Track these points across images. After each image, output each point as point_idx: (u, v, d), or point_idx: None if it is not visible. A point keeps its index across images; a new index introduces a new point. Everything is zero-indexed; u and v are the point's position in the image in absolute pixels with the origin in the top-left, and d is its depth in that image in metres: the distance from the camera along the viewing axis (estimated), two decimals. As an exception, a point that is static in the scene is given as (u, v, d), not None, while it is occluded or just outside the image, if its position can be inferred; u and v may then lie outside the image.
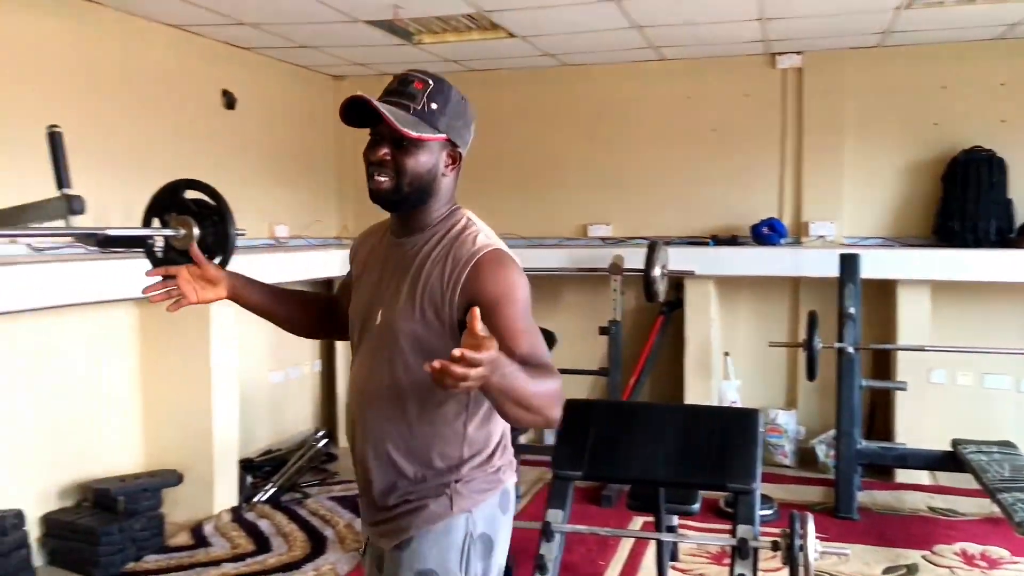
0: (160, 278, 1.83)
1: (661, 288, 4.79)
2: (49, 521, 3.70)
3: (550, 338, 4.99)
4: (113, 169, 3.96)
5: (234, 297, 1.87)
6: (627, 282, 5.06)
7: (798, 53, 5.10)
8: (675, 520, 3.45)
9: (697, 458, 2.88)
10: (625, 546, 3.89)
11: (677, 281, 5.17)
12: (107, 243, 2.30)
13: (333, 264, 5.00)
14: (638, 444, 2.96)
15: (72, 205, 2.22)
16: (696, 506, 3.20)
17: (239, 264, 2.19)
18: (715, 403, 5.10)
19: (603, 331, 4.93)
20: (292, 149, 5.54)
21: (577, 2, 3.99)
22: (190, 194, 2.88)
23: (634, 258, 4.90)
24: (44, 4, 3.67)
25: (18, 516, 3.29)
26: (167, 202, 2.77)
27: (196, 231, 2.67)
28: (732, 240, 5.18)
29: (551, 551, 2.85)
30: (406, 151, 1.59)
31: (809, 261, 4.91)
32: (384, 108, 1.55)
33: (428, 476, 1.66)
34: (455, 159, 1.67)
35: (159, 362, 4.15)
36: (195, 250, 1.84)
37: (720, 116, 5.34)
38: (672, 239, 5.15)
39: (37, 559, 3.58)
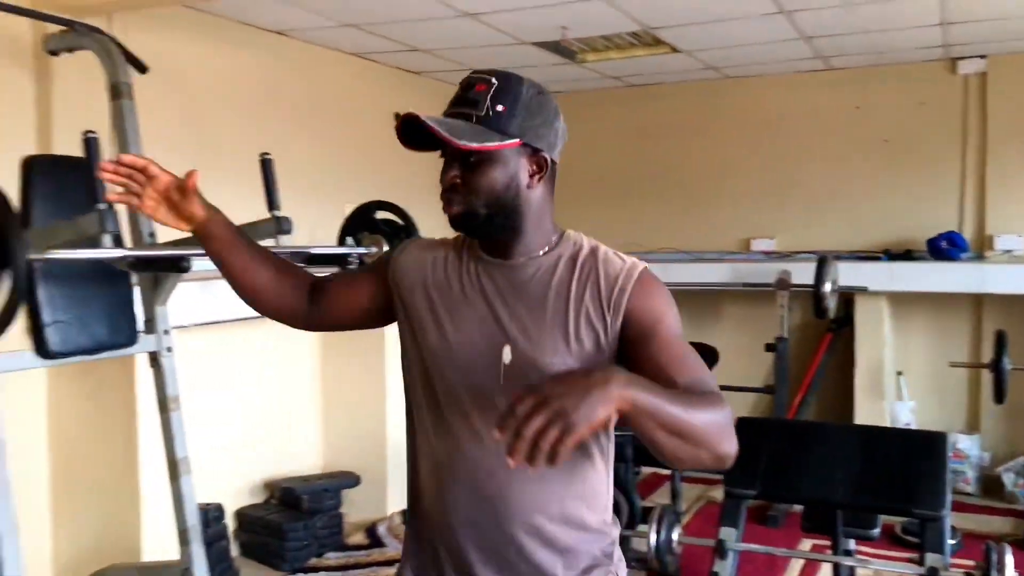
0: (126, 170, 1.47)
1: (831, 304, 4.64)
2: (242, 516, 4.01)
3: (712, 354, 4.93)
4: (296, 190, 4.25)
5: (203, 235, 1.51)
6: (793, 297, 4.92)
7: (982, 57, 4.82)
8: (851, 544, 3.33)
9: (880, 481, 2.78)
10: (794, 568, 3.80)
11: (847, 297, 4.98)
12: (311, 261, 2.50)
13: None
14: (815, 464, 2.89)
15: (281, 225, 2.42)
16: (876, 531, 3.09)
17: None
18: (888, 424, 4.88)
19: (769, 348, 4.82)
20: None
21: (747, 16, 3.95)
22: (380, 214, 3.08)
23: (800, 273, 4.77)
24: (237, 37, 3.99)
25: (219, 510, 3.58)
26: (359, 221, 2.98)
27: (386, 247, 2.85)
28: (906, 255, 4.94)
29: (725, 569, 2.83)
30: (476, 168, 1.33)
31: (995, 277, 4.62)
32: (434, 122, 1.29)
33: (587, 541, 1.41)
34: (541, 167, 1.37)
35: (339, 369, 4.41)
36: (193, 181, 1.47)
37: (893, 125, 5.11)
38: (841, 253, 4.97)
39: (232, 550, 3.89)
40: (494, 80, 1.33)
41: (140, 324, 2.64)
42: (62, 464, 3.25)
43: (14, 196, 2.19)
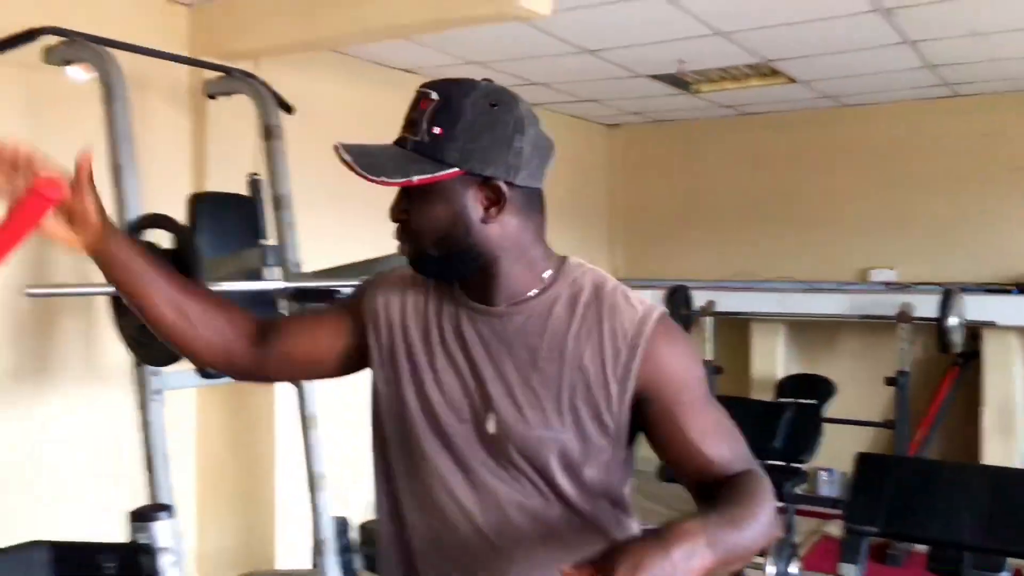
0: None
1: (956, 339, 4.50)
2: (366, 530, 4.19)
3: (828, 388, 4.86)
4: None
5: (99, 252, 1.18)
6: (915, 330, 4.80)
7: (1122, 83, 4.63)
8: (979, 587, 3.23)
9: (1010, 524, 2.70)
10: (917, 610, 3.70)
11: (973, 331, 4.82)
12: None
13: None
14: (942, 504, 2.83)
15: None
16: (1005, 574, 2.99)
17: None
18: (1019, 466, 4.67)
19: (890, 381, 4.71)
20: (565, 195, 5.84)
21: (870, 46, 3.92)
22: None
23: (923, 305, 4.65)
24: (372, 76, 4.21)
25: (344, 523, 3.76)
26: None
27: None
28: (1039, 289, 4.76)
29: (846, 606, 2.80)
30: (417, 204, 1.12)
31: None
32: (353, 154, 1.09)
33: None
34: (497, 196, 1.12)
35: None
36: (83, 173, 1.14)
37: (1024, 153, 4.95)
38: (967, 285, 4.82)
39: (355, 562, 4.07)
40: (434, 95, 1.11)
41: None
42: (208, 475, 3.50)
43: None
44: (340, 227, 3.70)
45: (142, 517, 1.11)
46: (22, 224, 1.07)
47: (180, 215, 2.65)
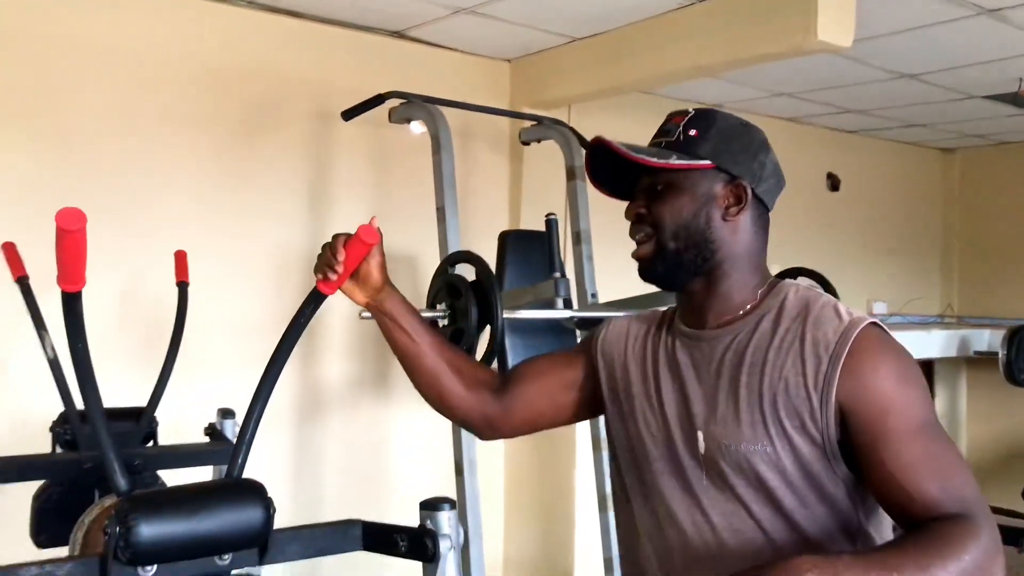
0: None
1: None
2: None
3: None
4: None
5: (377, 307, 1.32)
6: None
7: None
8: None
9: None
10: None
11: None
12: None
13: (933, 344, 4.81)
14: None
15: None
16: None
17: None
18: None
19: None
20: (894, 224, 5.49)
21: None
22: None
23: None
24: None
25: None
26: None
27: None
28: None
29: None
30: (662, 196, 1.17)
31: None
32: (620, 143, 1.17)
33: None
34: (740, 198, 1.17)
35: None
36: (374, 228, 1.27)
37: None
38: None
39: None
40: (691, 110, 1.21)
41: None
42: (514, 485, 3.83)
43: (492, 261, 2.74)
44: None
45: (430, 507, 1.33)
46: (348, 262, 1.34)
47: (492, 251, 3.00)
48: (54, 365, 1.85)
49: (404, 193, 3.41)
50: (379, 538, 1.38)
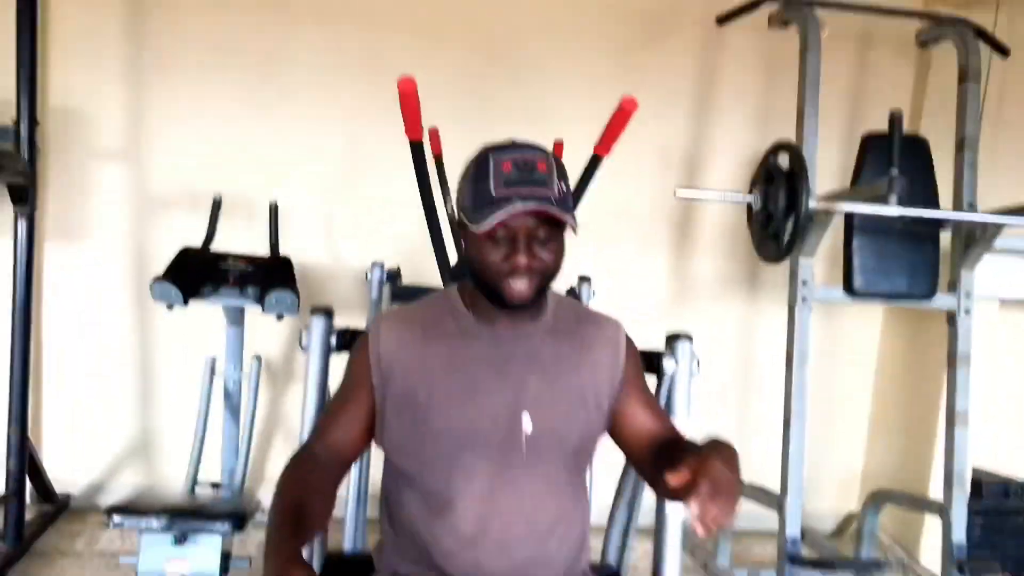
0: None
1: None
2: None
3: None
4: None
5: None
6: None
7: None
8: None
9: None
10: None
11: None
12: None
13: None
14: None
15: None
16: None
17: None
18: None
19: None
20: None
21: None
22: None
23: None
24: None
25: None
26: None
27: None
28: None
29: None
30: (548, 246, 1.31)
31: None
32: (555, 211, 1.26)
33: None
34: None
35: None
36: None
37: None
38: None
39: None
40: (545, 153, 1.31)
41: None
42: (880, 396, 3.79)
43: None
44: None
45: (675, 339, 1.67)
46: None
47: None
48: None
49: (789, 101, 3.49)
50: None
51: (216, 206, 3.07)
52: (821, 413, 3.81)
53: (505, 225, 1.26)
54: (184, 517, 2.38)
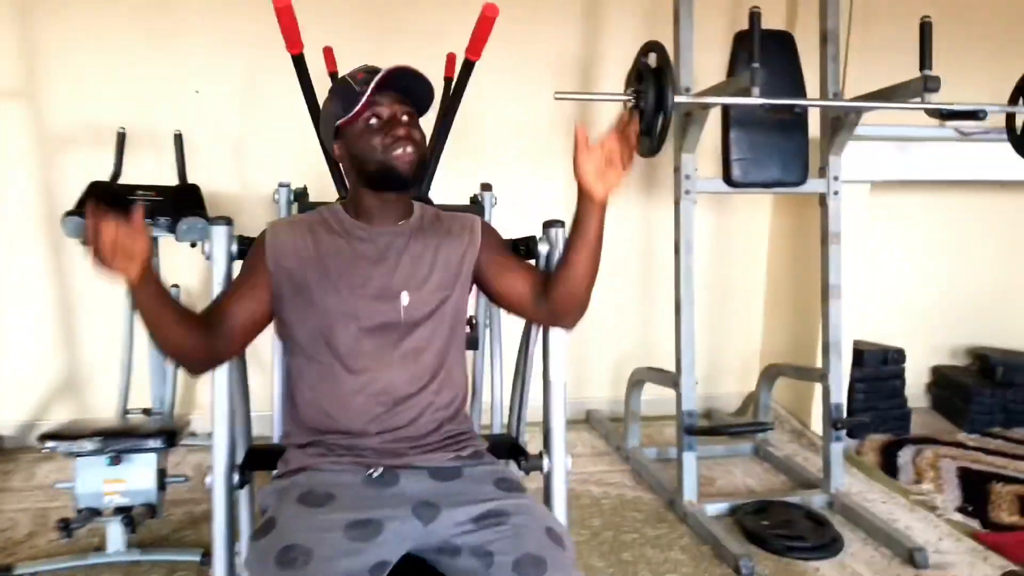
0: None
1: None
2: (937, 372, 4.27)
3: None
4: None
5: (141, 286, 1.41)
6: None
7: None
8: None
9: None
10: None
11: None
12: (947, 116, 2.61)
13: None
14: None
15: (927, 85, 2.59)
16: None
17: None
18: None
19: None
20: None
21: None
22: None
23: None
24: None
25: (899, 354, 3.93)
26: None
27: None
28: None
29: None
30: (415, 123, 1.61)
31: None
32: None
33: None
34: None
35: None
36: (139, 219, 1.39)
37: None
38: None
39: (922, 401, 4.23)
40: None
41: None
42: (772, 280, 4.11)
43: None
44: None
45: (549, 225, 1.85)
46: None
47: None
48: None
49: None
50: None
51: (121, 139, 3.12)
52: (720, 301, 4.11)
53: (376, 114, 1.53)
54: (117, 438, 2.44)
